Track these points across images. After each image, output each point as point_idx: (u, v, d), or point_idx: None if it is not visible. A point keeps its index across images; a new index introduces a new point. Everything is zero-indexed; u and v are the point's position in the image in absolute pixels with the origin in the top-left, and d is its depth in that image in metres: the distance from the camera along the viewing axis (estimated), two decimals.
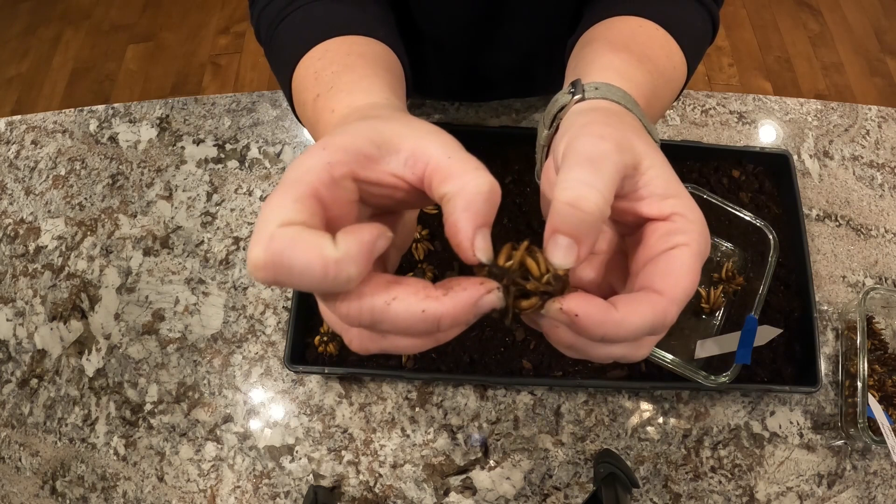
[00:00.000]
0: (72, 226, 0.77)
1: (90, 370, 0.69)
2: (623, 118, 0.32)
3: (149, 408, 0.67)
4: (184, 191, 0.78)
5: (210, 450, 0.65)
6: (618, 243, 0.32)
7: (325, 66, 0.40)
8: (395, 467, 0.64)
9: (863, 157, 0.81)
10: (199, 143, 0.81)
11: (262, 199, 0.77)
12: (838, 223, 0.76)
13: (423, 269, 0.67)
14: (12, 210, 0.79)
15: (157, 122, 0.83)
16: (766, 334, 0.59)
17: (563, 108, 0.34)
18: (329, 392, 0.67)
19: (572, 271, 0.26)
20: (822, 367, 0.67)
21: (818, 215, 0.77)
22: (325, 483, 0.64)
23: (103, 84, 2.07)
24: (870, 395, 0.62)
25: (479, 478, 0.64)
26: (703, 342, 0.62)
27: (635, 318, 0.24)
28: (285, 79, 0.45)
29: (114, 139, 0.82)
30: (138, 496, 0.64)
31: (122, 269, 0.74)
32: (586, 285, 0.31)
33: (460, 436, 0.65)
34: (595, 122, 0.30)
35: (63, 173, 0.80)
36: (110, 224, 0.77)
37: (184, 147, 0.81)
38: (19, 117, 0.85)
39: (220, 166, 0.79)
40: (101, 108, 0.84)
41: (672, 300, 0.25)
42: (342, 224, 0.23)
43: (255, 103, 0.83)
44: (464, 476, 0.64)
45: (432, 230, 0.70)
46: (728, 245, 0.71)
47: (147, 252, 0.75)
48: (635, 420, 0.66)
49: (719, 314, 0.68)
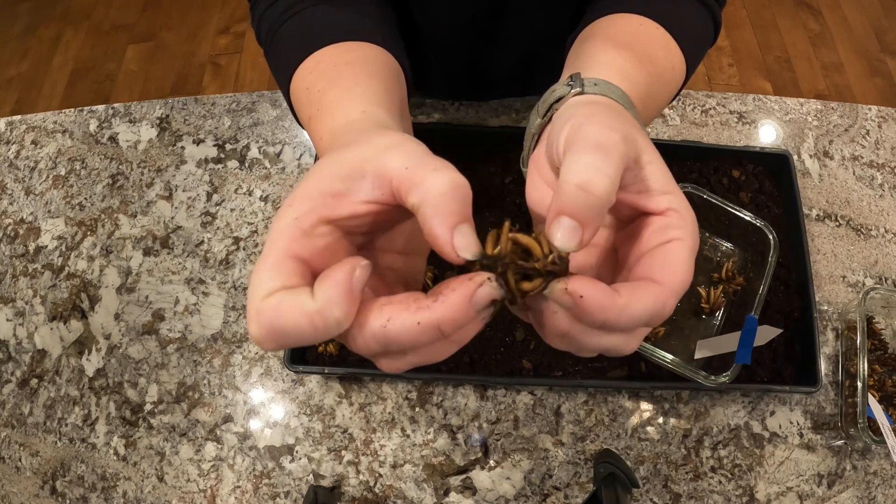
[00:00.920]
0: (72, 226, 0.77)
1: (90, 370, 0.69)
2: (623, 115, 0.33)
3: (149, 408, 0.67)
4: (184, 191, 0.78)
5: (210, 450, 0.65)
6: (609, 239, 0.32)
7: (315, 82, 0.40)
8: (395, 467, 0.64)
9: (863, 157, 0.81)
10: (199, 143, 0.81)
11: (263, 199, 0.77)
12: (838, 223, 0.76)
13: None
14: (12, 210, 0.79)
15: (157, 122, 0.83)
16: (766, 334, 0.59)
17: (559, 100, 0.34)
18: (329, 392, 0.67)
19: (571, 259, 0.25)
20: (822, 367, 0.67)
21: (818, 215, 0.77)
22: (325, 483, 0.64)
23: (103, 84, 2.07)
24: (870, 395, 0.62)
25: (479, 478, 0.64)
26: (703, 342, 0.62)
27: (638, 305, 0.24)
28: (284, 89, 0.45)
29: (114, 139, 0.82)
30: (138, 496, 0.64)
31: (122, 269, 0.74)
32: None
33: (460, 436, 0.65)
34: (600, 113, 0.30)
35: (63, 173, 0.80)
36: (110, 224, 0.77)
37: (184, 147, 0.81)
38: (19, 117, 0.85)
39: (220, 166, 0.79)
40: (101, 108, 0.85)
41: (671, 291, 0.25)
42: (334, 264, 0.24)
43: (255, 103, 0.83)
44: (464, 476, 0.64)
45: None
46: (728, 245, 0.71)
47: (147, 252, 0.75)
48: (635, 420, 0.66)
49: (719, 314, 0.68)
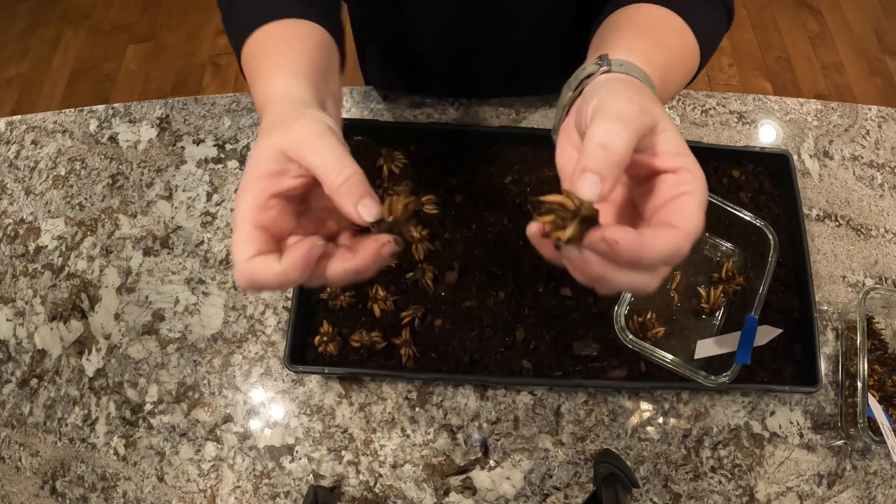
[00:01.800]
0: (72, 226, 0.77)
1: (90, 370, 0.69)
2: (644, 91, 0.37)
3: (149, 408, 0.67)
4: (184, 191, 0.78)
5: (210, 450, 0.65)
6: (627, 197, 0.37)
7: (253, 57, 0.47)
8: (395, 467, 0.64)
9: (863, 157, 0.81)
10: (199, 143, 0.81)
11: None
12: (838, 223, 0.76)
13: (423, 269, 0.67)
14: (12, 210, 0.79)
15: (157, 122, 0.83)
16: (766, 334, 0.59)
17: (589, 76, 0.39)
18: (329, 392, 0.67)
19: (604, 195, 0.30)
20: (822, 367, 0.67)
21: (818, 215, 0.77)
22: (325, 483, 0.64)
23: (103, 84, 2.06)
24: (870, 395, 0.62)
25: (479, 478, 0.64)
26: (703, 342, 0.62)
27: (662, 244, 0.29)
28: (237, 57, 0.51)
29: (114, 139, 0.82)
30: (138, 496, 0.64)
31: (122, 269, 0.74)
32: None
33: (460, 436, 0.65)
34: (624, 90, 0.35)
35: (63, 173, 0.80)
36: (110, 224, 0.77)
37: (184, 147, 0.81)
38: (19, 117, 0.85)
39: (220, 166, 0.79)
40: (101, 108, 0.84)
41: (686, 234, 0.30)
42: (288, 225, 0.36)
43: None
44: (464, 476, 0.64)
45: (432, 230, 0.70)
46: (728, 245, 0.71)
47: (147, 252, 0.75)
48: (635, 420, 0.66)
49: (719, 314, 0.68)
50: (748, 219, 0.66)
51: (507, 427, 0.66)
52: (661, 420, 0.66)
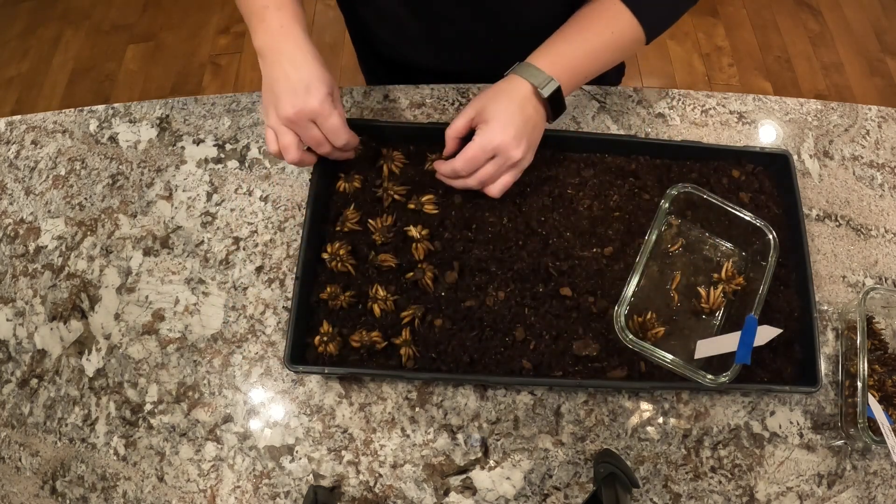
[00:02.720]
0: (72, 226, 0.77)
1: (90, 370, 0.69)
2: (502, 85, 0.65)
3: (149, 408, 0.67)
4: (184, 191, 0.78)
5: (210, 450, 0.65)
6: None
7: None
8: (395, 467, 0.64)
9: (863, 157, 0.81)
10: (199, 143, 0.81)
11: (263, 199, 0.77)
12: (838, 223, 0.76)
13: (423, 269, 0.67)
14: (12, 210, 0.79)
15: (157, 122, 0.83)
16: (766, 334, 0.59)
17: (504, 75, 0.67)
18: (329, 392, 0.67)
19: (448, 152, 0.69)
20: (822, 367, 0.67)
21: (818, 215, 0.77)
22: (325, 483, 0.64)
23: (103, 84, 2.07)
24: (870, 395, 0.62)
25: (479, 478, 0.64)
26: (703, 342, 0.62)
27: (444, 168, 0.68)
28: None
29: (114, 139, 0.82)
30: (138, 496, 0.64)
31: (122, 269, 0.74)
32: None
33: (460, 436, 0.65)
34: (483, 92, 0.66)
35: (63, 173, 0.80)
36: (110, 224, 0.77)
37: (184, 147, 0.81)
38: (19, 117, 0.85)
39: (220, 166, 0.79)
40: (101, 108, 0.85)
41: (456, 162, 0.65)
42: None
43: (255, 103, 0.83)
44: (464, 476, 0.64)
45: (432, 230, 0.70)
46: (728, 245, 0.71)
47: (147, 252, 0.75)
48: (635, 420, 0.66)
49: (719, 314, 0.68)
50: (748, 219, 0.66)
51: (507, 427, 0.66)
52: (661, 420, 0.66)
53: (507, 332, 0.66)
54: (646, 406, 0.67)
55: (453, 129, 0.66)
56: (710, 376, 0.59)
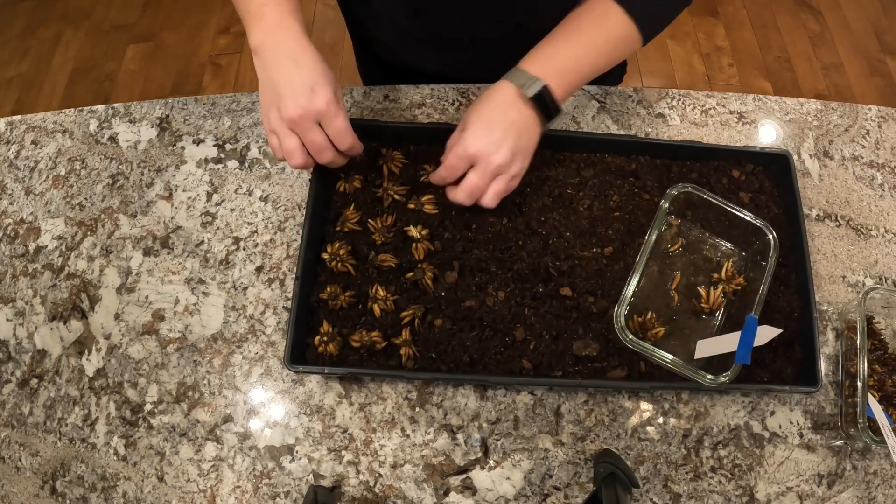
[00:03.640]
0: (72, 226, 0.77)
1: (90, 370, 0.69)
2: (487, 92, 0.65)
3: (149, 408, 0.67)
4: (184, 191, 0.78)
5: (210, 450, 0.65)
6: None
7: None
8: (395, 467, 0.64)
9: (863, 157, 0.81)
10: (199, 143, 0.81)
11: (263, 199, 0.77)
12: (838, 223, 0.76)
13: (423, 269, 0.67)
14: (12, 210, 0.79)
15: (157, 122, 0.83)
16: (766, 334, 0.59)
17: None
18: (329, 392, 0.67)
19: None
20: (822, 367, 0.67)
21: (818, 215, 0.77)
22: (325, 483, 0.64)
23: (103, 84, 2.07)
24: (870, 395, 0.63)
25: (479, 478, 0.64)
26: (703, 342, 0.62)
27: (436, 175, 0.69)
28: None
29: (114, 139, 0.82)
30: (138, 496, 0.64)
31: (122, 269, 0.74)
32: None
33: (460, 436, 0.65)
34: (473, 105, 0.66)
35: (63, 173, 0.80)
36: (110, 224, 0.77)
37: (184, 147, 0.81)
38: (19, 117, 0.85)
39: (220, 166, 0.79)
40: (101, 108, 0.85)
41: (440, 170, 0.67)
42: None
43: (255, 103, 0.83)
44: (464, 476, 0.64)
45: (432, 230, 0.70)
46: (728, 245, 0.71)
47: (147, 252, 0.75)
48: (635, 420, 0.66)
49: (719, 314, 0.68)
50: (748, 219, 0.66)
51: (507, 427, 0.66)
52: (661, 420, 0.66)
53: (507, 332, 0.66)
54: (646, 406, 0.67)
55: (450, 140, 0.67)
56: (710, 376, 0.59)
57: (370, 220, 0.70)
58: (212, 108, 0.83)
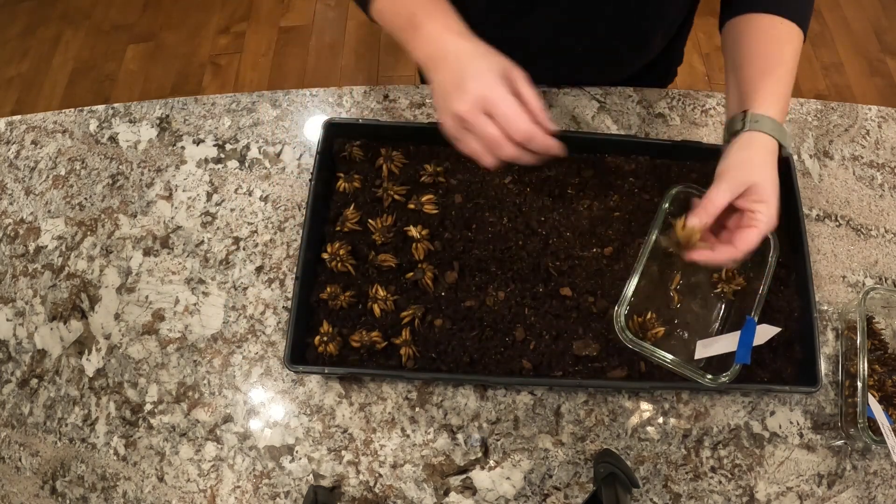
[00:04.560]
0: (72, 226, 0.77)
1: (90, 370, 0.69)
2: (759, 151, 0.58)
3: (149, 408, 0.67)
4: (184, 191, 0.78)
5: (210, 450, 0.65)
6: (722, 216, 0.58)
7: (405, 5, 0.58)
8: (395, 467, 0.64)
9: (863, 157, 0.81)
10: (199, 143, 0.81)
11: (263, 199, 0.77)
12: (838, 223, 0.76)
13: (423, 269, 0.67)
14: (12, 210, 0.79)
15: (157, 122, 0.83)
16: (765, 334, 0.59)
17: (735, 133, 0.60)
18: (329, 392, 0.67)
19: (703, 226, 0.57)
20: (822, 367, 0.67)
21: (818, 215, 0.77)
22: (325, 483, 0.64)
23: (103, 84, 2.07)
24: (870, 395, 0.62)
25: (479, 478, 0.64)
26: (703, 342, 0.62)
27: (722, 256, 0.57)
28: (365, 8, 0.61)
29: (114, 139, 0.82)
30: (138, 496, 0.64)
31: (122, 269, 0.74)
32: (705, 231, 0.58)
33: (460, 436, 0.65)
34: (739, 161, 0.58)
35: (63, 173, 0.80)
36: (110, 224, 0.77)
37: (184, 147, 0.81)
38: (19, 117, 0.85)
39: (220, 166, 0.79)
40: (101, 108, 0.85)
41: (740, 251, 0.56)
42: None
43: (255, 103, 0.83)
44: (464, 476, 0.64)
45: (432, 230, 0.70)
46: None
47: (147, 252, 0.75)
48: (635, 420, 0.66)
49: (719, 314, 0.68)
50: None
51: (507, 427, 0.66)
52: (661, 420, 0.66)
53: (507, 332, 0.66)
54: (646, 406, 0.67)
55: (716, 204, 0.56)
56: (710, 376, 0.59)
57: (370, 220, 0.70)
58: (212, 108, 0.83)
